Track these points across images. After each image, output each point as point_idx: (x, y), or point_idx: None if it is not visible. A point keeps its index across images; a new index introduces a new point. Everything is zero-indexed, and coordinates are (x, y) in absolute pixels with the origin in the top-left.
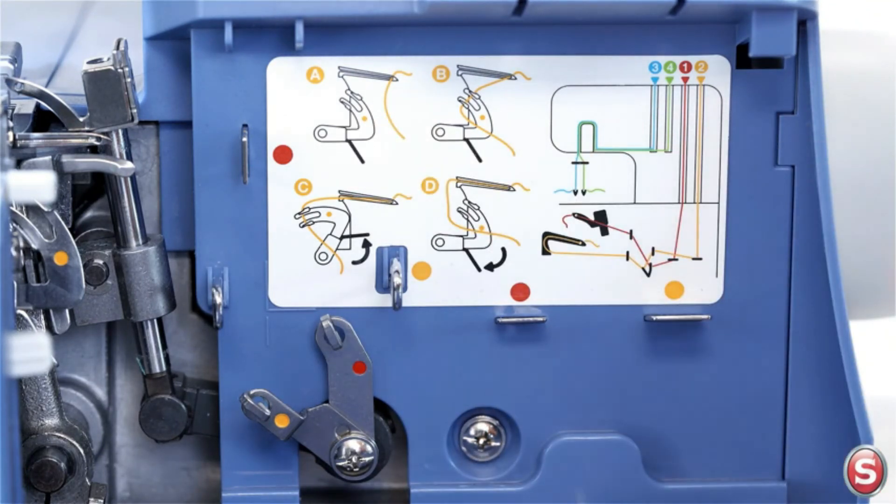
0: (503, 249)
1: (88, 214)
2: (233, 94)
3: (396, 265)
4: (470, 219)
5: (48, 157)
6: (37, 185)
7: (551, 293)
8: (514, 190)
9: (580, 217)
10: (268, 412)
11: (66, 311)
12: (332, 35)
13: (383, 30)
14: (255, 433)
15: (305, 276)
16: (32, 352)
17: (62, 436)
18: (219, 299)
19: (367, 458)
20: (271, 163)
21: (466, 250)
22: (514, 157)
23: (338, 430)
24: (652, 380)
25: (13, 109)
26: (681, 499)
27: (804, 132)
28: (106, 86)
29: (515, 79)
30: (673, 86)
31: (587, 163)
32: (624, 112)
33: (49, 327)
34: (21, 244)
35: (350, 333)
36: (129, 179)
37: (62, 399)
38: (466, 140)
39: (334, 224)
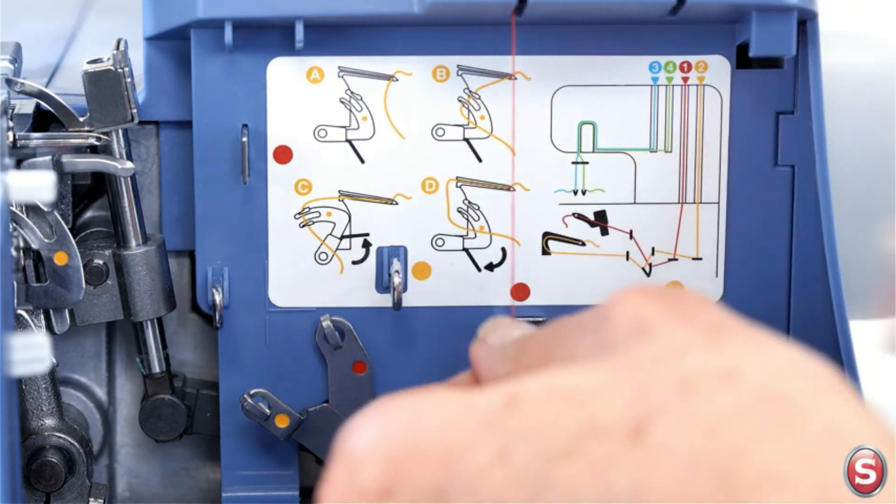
0: (503, 249)
1: (88, 214)
2: (233, 94)
3: (396, 265)
4: (470, 219)
5: (48, 157)
6: (37, 185)
7: (551, 293)
8: (514, 190)
9: (580, 217)
10: (268, 412)
11: (66, 311)
12: (332, 35)
13: (383, 30)
14: (255, 433)
15: (305, 276)
16: (32, 352)
17: (62, 436)
18: (219, 299)
19: None
20: (271, 163)
21: (466, 250)
22: (514, 157)
23: (338, 431)
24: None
25: (13, 109)
26: None
27: (804, 132)
28: (106, 86)
29: (516, 79)
30: (673, 86)
31: (587, 163)
32: (624, 112)
33: (49, 327)
34: (21, 244)
35: (350, 333)
36: (129, 179)
37: (62, 399)
38: (466, 140)
39: (334, 224)
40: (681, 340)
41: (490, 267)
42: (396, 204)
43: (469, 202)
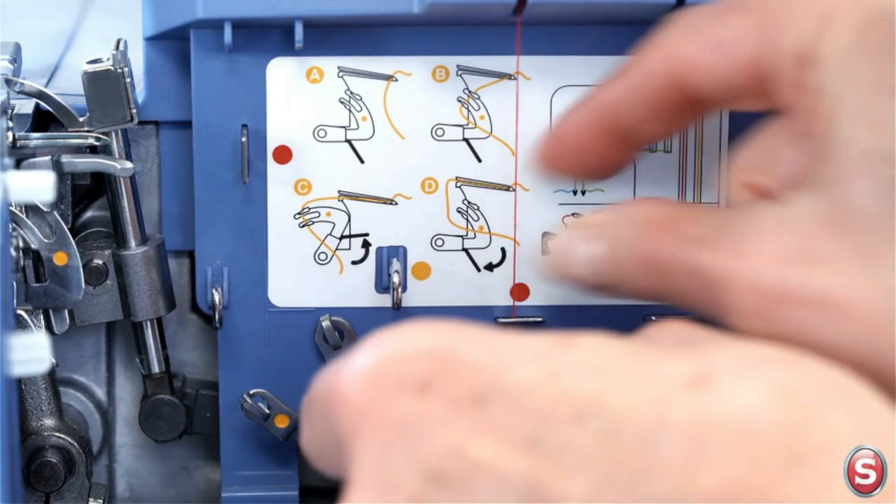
0: (503, 249)
1: (88, 214)
2: (232, 94)
3: (396, 265)
4: (469, 219)
5: (48, 157)
6: (37, 185)
7: (551, 293)
8: (514, 190)
9: (580, 217)
10: (267, 412)
11: (66, 311)
12: (331, 35)
13: (383, 30)
14: (254, 433)
15: (305, 276)
16: (32, 352)
17: (61, 436)
18: (218, 299)
19: None
20: (271, 163)
21: (466, 250)
22: (514, 157)
23: None
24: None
25: (13, 109)
26: None
27: None
28: (105, 86)
29: (515, 79)
30: None
31: None
32: None
33: (49, 327)
34: (21, 244)
35: (350, 333)
36: (128, 179)
37: (62, 399)
38: (466, 140)
39: (334, 224)
40: (735, 340)
41: (490, 267)
42: (396, 204)
43: (468, 202)
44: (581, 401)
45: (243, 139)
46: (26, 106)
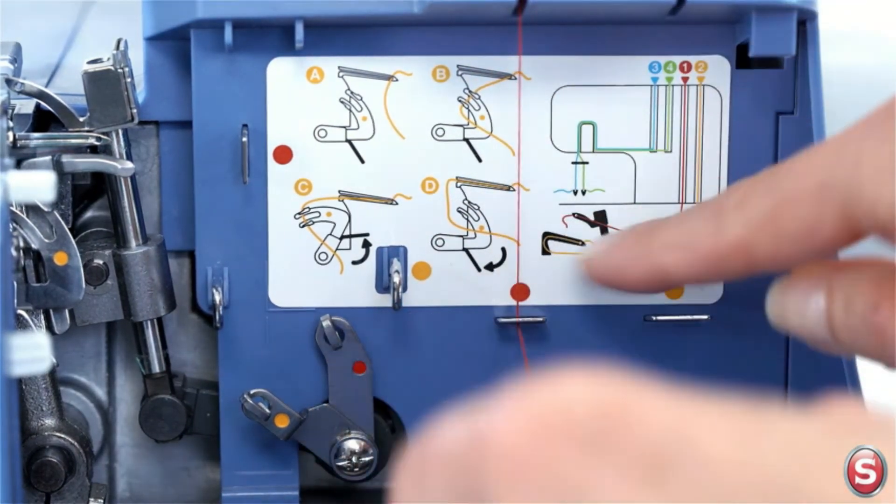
0: (503, 249)
1: (88, 214)
2: (233, 94)
3: (396, 265)
4: (470, 219)
5: (48, 157)
6: (37, 185)
7: (551, 293)
8: (514, 190)
9: (580, 217)
10: (268, 412)
11: (66, 311)
12: (332, 35)
13: (383, 30)
14: (255, 433)
15: (305, 276)
16: (32, 352)
17: (62, 436)
18: (218, 299)
19: (367, 458)
20: (271, 163)
21: (466, 250)
22: (514, 157)
23: (338, 430)
24: (652, 380)
25: (13, 109)
26: None
27: (804, 132)
28: (106, 86)
29: (515, 79)
30: (673, 86)
31: (587, 163)
32: (624, 112)
33: (49, 327)
34: (21, 244)
35: (350, 333)
36: (128, 179)
37: (62, 399)
38: (466, 140)
39: (334, 224)
40: None
41: (490, 267)
42: (396, 204)
43: (469, 202)
44: (779, 484)
45: (243, 139)
46: (26, 106)
